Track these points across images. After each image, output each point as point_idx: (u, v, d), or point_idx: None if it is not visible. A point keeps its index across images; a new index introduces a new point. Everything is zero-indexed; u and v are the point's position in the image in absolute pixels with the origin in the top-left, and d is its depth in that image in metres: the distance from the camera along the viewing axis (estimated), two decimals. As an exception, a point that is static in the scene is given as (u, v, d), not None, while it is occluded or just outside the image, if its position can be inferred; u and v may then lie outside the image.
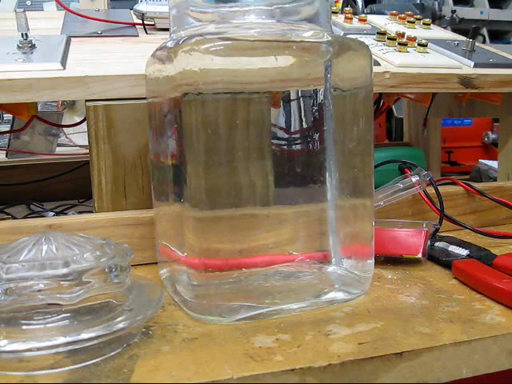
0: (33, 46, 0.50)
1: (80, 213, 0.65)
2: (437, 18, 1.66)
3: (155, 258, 0.44)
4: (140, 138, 0.48)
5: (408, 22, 0.73)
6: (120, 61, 0.51)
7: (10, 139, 0.82)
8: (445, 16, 1.78)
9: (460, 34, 0.76)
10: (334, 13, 0.71)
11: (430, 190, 0.52)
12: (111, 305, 0.32)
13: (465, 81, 0.57)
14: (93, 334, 0.29)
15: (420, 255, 0.45)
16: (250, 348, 0.31)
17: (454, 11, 1.82)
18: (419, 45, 0.62)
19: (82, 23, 0.63)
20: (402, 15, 0.74)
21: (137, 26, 0.64)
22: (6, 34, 0.56)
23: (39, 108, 0.70)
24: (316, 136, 0.38)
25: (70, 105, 0.99)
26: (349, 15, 0.69)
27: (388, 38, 0.62)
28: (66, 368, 0.29)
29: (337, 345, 0.32)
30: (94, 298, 0.32)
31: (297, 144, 0.39)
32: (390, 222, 0.49)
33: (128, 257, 0.34)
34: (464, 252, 0.45)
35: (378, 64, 0.55)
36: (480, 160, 0.91)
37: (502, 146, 0.67)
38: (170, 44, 0.36)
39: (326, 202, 0.39)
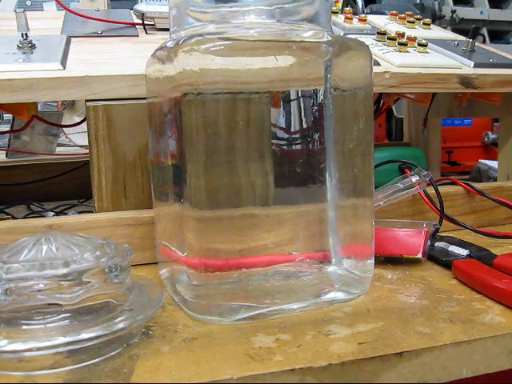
0: (33, 46, 0.50)
1: (80, 213, 0.64)
2: (437, 18, 1.66)
3: (155, 257, 0.44)
4: (140, 138, 0.48)
5: (408, 22, 0.73)
6: (120, 61, 0.51)
7: (10, 139, 0.82)
8: (445, 16, 1.78)
9: (460, 34, 0.76)
10: (334, 13, 0.71)
11: (430, 190, 0.52)
12: (111, 305, 0.32)
13: (465, 81, 0.57)
14: (93, 334, 0.29)
15: (420, 255, 0.45)
16: (250, 348, 0.31)
17: (454, 11, 1.82)
18: (419, 45, 0.62)
19: (82, 23, 0.63)
20: (402, 15, 0.74)
21: (137, 26, 0.64)
22: (6, 34, 0.56)
23: (39, 108, 0.70)
24: (316, 136, 0.38)
25: (70, 105, 0.99)
26: (349, 15, 0.69)
27: (388, 38, 0.62)
28: (66, 368, 0.29)
29: (337, 345, 0.32)
30: (94, 297, 0.32)
31: (297, 144, 0.39)
32: (390, 222, 0.49)
33: (128, 257, 0.34)
34: (464, 252, 0.45)
35: (378, 64, 0.55)
36: (480, 160, 0.91)
37: (502, 146, 0.67)
38: (170, 44, 0.36)
39: (326, 202, 0.39)
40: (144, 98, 0.43)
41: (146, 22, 0.64)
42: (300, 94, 0.38)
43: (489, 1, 2.03)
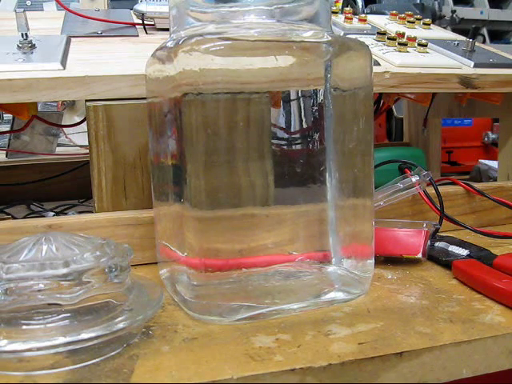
0: (33, 46, 0.50)
1: (80, 213, 0.64)
2: (437, 18, 1.66)
3: (155, 257, 0.44)
4: (140, 138, 0.48)
5: (408, 22, 0.73)
6: (120, 61, 0.51)
7: (10, 139, 0.82)
8: (445, 16, 1.78)
9: (460, 34, 0.76)
10: (334, 13, 0.71)
11: (430, 190, 0.52)
12: (111, 305, 0.32)
13: (465, 81, 0.57)
14: (93, 334, 0.29)
15: (420, 255, 0.45)
16: (250, 348, 0.31)
17: (454, 11, 1.82)
18: (419, 45, 0.62)
19: (82, 23, 0.63)
20: (402, 15, 0.75)
21: (137, 26, 0.64)
22: (6, 34, 0.56)
23: (39, 108, 0.70)
24: (316, 136, 0.38)
25: (70, 105, 0.98)
26: (349, 15, 0.69)
27: (388, 38, 0.62)
28: (66, 368, 0.29)
29: (337, 345, 0.32)
30: (94, 297, 0.32)
31: (297, 144, 0.39)
32: (390, 222, 0.49)
33: (128, 257, 0.34)
34: (464, 252, 0.45)
35: (378, 64, 0.55)
36: (480, 160, 0.91)
37: (502, 146, 0.67)
38: (170, 44, 0.36)
39: (326, 202, 0.39)
40: (144, 98, 0.43)
41: (146, 22, 0.64)
42: (300, 94, 0.38)
43: (489, 1, 2.03)
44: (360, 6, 0.98)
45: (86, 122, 0.48)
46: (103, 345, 0.30)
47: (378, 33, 0.64)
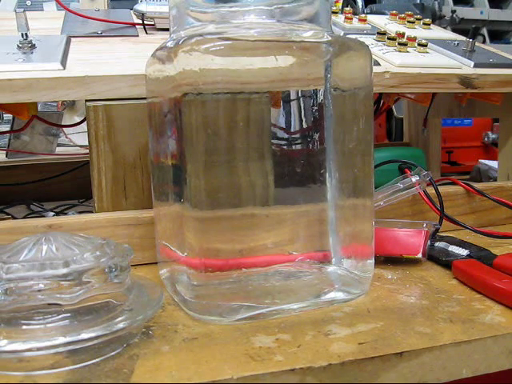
0: (33, 46, 0.50)
1: (80, 213, 0.64)
2: (437, 18, 1.66)
3: (155, 257, 0.44)
4: (140, 138, 0.48)
5: (408, 22, 0.73)
6: (120, 61, 0.51)
7: (10, 139, 0.82)
8: (445, 16, 1.78)
9: (460, 34, 0.76)
10: (334, 13, 0.71)
11: (430, 190, 0.52)
12: (111, 305, 0.32)
13: (465, 81, 0.57)
14: (93, 334, 0.29)
15: (420, 255, 0.45)
16: (250, 348, 0.31)
17: (454, 11, 1.82)
18: (419, 45, 0.62)
19: (82, 23, 0.63)
20: (402, 15, 0.75)
21: (137, 26, 0.64)
22: (6, 34, 0.56)
23: (39, 108, 0.70)
24: (316, 136, 0.38)
25: (70, 105, 0.98)
26: (349, 15, 0.69)
27: (388, 38, 0.62)
28: (66, 368, 0.29)
29: (337, 345, 0.32)
30: (94, 297, 0.32)
31: (297, 144, 0.39)
32: (390, 222, 0.49)
33: (128, 257, 0.34)
34: (464, 252, 0.45)
35: (378, 64, 0.55)
36: (480, 160, 0.91)
37: (502, 146, 0.67)
38: (170, 44, 0.36)
39: (326, 202, 0.39)
40: (144, 98, 0.43)
41: (146, 22, 0.64)
42: (300, 94, 0.38)
43: (489, 1, 2.03)
44: (360, 6, 0.98)
45: (86, 122, 0.48)
46: (103, 345, 0.30)
47: (378, 33, 0.64)
